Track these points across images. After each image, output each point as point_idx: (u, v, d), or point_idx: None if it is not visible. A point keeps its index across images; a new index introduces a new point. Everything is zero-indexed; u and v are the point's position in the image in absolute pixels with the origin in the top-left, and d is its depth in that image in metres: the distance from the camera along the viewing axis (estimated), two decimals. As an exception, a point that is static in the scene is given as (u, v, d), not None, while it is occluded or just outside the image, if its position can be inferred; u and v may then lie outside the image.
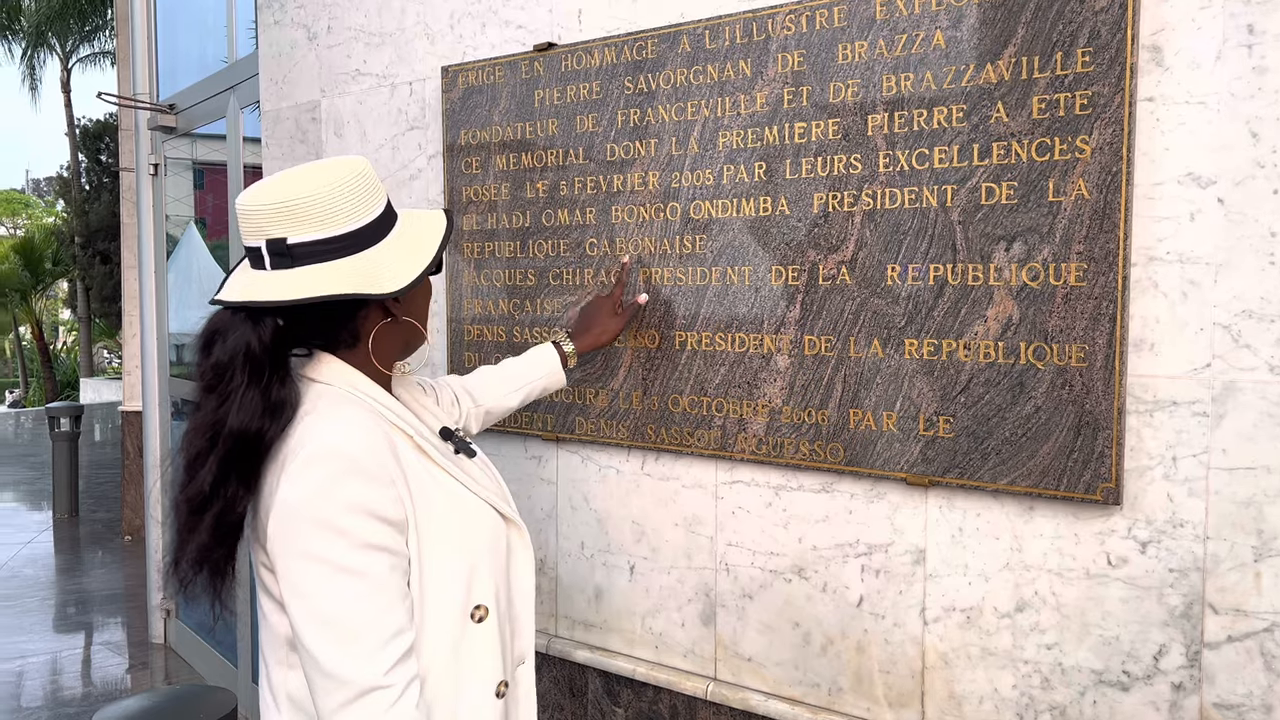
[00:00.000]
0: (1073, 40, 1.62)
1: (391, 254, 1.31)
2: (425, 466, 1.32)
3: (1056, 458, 1.67)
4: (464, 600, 1.32)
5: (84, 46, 22.18)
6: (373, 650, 1.18)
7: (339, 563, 1.18)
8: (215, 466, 1.21)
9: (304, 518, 1.18)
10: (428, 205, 2.63)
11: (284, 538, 1.20)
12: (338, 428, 1.23)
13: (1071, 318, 1.64)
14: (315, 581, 1.18)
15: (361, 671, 1.17)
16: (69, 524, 7.87)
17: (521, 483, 2.48)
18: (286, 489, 1.20)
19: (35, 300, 23.88)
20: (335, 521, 1.18)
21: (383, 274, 1.28)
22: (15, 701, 4.24)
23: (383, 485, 1.22)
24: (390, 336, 1.37)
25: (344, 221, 1.26)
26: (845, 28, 1.86)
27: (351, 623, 1.18)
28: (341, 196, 1.26)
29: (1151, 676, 1.64)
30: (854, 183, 1.86)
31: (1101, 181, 1.60)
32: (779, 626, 2.05)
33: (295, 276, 1.24)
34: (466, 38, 2.51)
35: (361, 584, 1.19)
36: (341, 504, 1.19)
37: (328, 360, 1.33)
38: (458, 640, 1.32)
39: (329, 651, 1.17)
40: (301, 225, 1.24)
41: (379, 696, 1.18)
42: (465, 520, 1.34)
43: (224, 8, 4.32)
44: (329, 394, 1.29)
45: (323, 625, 1.18)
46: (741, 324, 2.03)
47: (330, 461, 1.20)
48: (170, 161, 4.89)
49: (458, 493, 1.35)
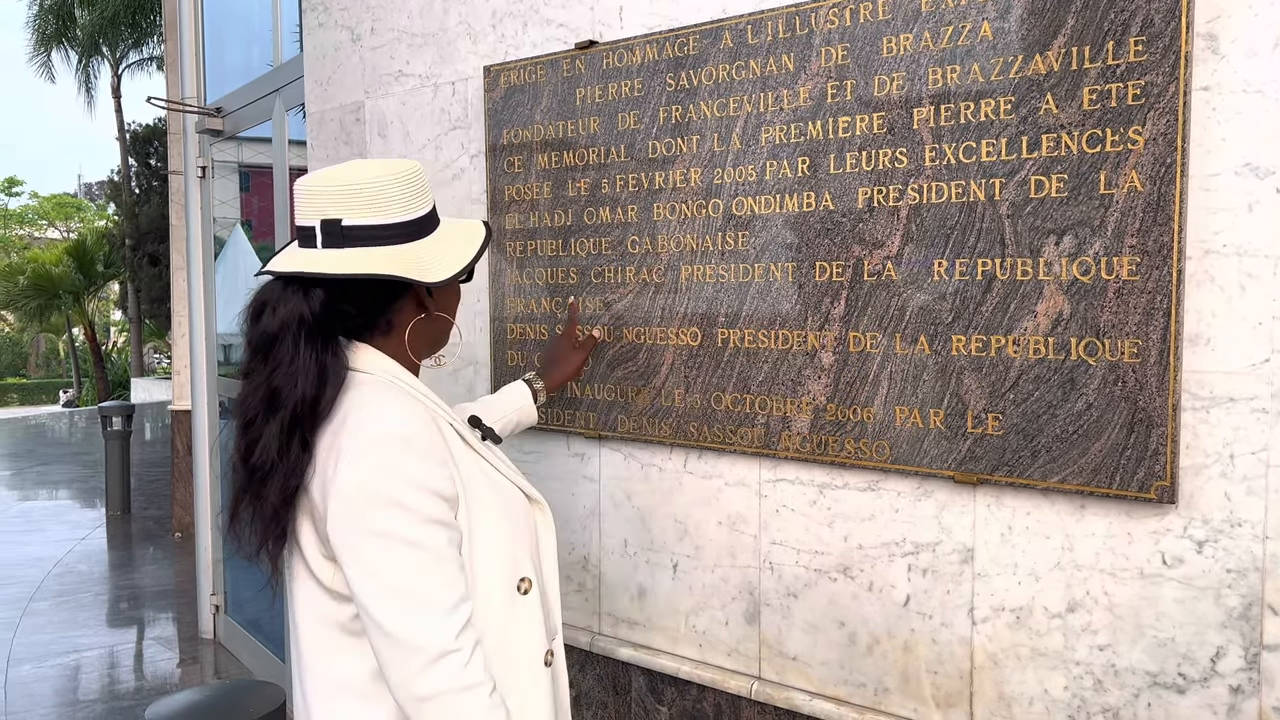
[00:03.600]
0: (1125, 29, 1.58)
1: (435, 249, 1.38)
2: (465, 449, 1.40)
3: (1109, 455, 1.63)
4: (509, 573, 1.40)
5: (133, 52, 22.63)
6: (443, 617, 1.24)
7: (405, 536, 1.24)
8: (279, 432, 1.27)
9: (368, 497, 1.24)
10: (470, 204, 2.64)
11: (349, 518, 1.25)
12: (389, 412, 1.29)
13: (1124, 312, 1.61)
14: (384, 556, 1.24)
15: (434, 637, 1.23)
16: (121, 521, 8.03)
17: (564, 480, 2.49)
18: (347, 472, 1.25)
19: (87, 302, 24.40)
20: (398, 498, 1.24)
21: (426, 264, 1.35)
22: (72, 694, 4.33)
23: (437, 463, 1.29)
24: (423, 330, 1.45)
25: (397, 212, 1.35)
26: (890, 20, 1.84)
27: (421, 592, 1.24)
28: (398, 188, 1.35)
29: (1208, 679, 1.60)
30: (899, 177, 1.84)
31: (1155, 173, 1.56)
32: (824, 626, 2.04)
33: (345, 255, 1.31)
34: (508, 37, 2.52)
35: (426, 555, 1.25)
36: (402, 481, 1.25)
37: (366, 350, 1.38)
38: (507, 611, 1.39)
39: (402, 621, 1.23)
40: (357, 208, 1.32)
41: (453, 659, 1.24)
42: (502, 499, 1.43)
43: (269, 12, 4.38)
44: (371, 382, 1.34)
45: (394, 596, 1.23)
46: (785, 321, 2.02)
47: (388, 443, 1.26)
48: (217, 165, 4.96)
49: (492, 474, 1.44)
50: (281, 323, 1.29)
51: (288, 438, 1.27)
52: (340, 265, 1.30)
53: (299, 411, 1.27)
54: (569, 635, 2.47)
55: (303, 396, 1.27)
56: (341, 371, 1.32)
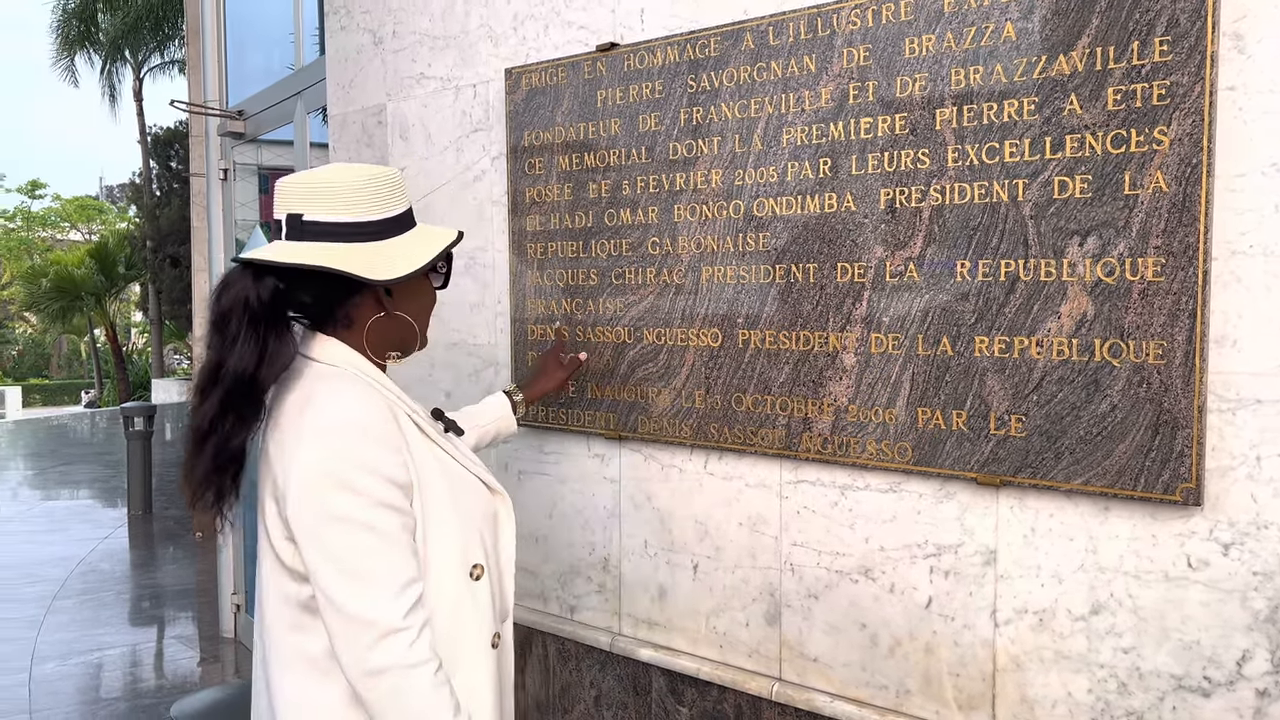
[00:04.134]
0: (1150, 29, 1.58)
1: (391, 252, 1.43)
2: (422, 440, 1.46)
3: (1133, 457, 1.63)
4: (462, 559, 1.46)
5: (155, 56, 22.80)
6: (392, 596, 1.32)
7: (357, 518, 1.32)
8: (216, 402, 1.35)
9: (323, 480, 1.32)
10: (491, 206, 2.66)
11: (306, 500, 1.33)
12: (347, 401, 1.37)
13: (1149, 313, 1.60)
14: (338, 537, 1.32)
15: (383, 615, 1.31)
16: (143, 520, 8.10)
17: (584, 481, 2.50)
18: (305, 456, 1.33)
19: (109, 303, 24.58)
20: (352, 481, 1.32)
21: (376, 264, 1.39)
22: (94, 692, 4.38)
23: (391, 451, 1.36)
24: (384, 329, 1.49)
25: (356, 212, 1.41)
26: (912, 21, 1.84)
27: (372, 573, 1.32)
28: (361, 190, 1.42)
29: (1234, 682, 1.59)
30: (922, 178, 1.84)
31: (1180, 174, 1.56)
32: (845, 627, 2.03)
33: (300, 248, 1.39)
34: (529, 39, 2.53)
35: (378, 538, 1.33)
36: (355, 466, 1.32)
37: (330, 342, 1.45)
38: (458, 596, 1.45)
39: (354, 599, 1.31)
40: (318, 205, 1.40)
41: (400, 637, 1.31)
42: (459, 488, 1.49)
43: (290, 16, 4.41)
44: (335, 373, 1.42)
45: (346, 576, 1.31)
46: (806, 322, 2.02)
47: (344, 430, 1.34)
48: (237, 167, 5.00)
49: (450, 465, 1.50)
50: (230, 303, 1.37)
51: (223, 409, 1.35)
52: (289, 256, 1.37)
53: (234, 386, 1.34)
54: (588, 636, 2.48)
55: (239, 372, 1.34)
56: (284, 354, 1.38)
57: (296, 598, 1.40)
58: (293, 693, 1.41)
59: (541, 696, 2.64)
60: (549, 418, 2.53)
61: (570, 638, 2.54)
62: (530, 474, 2.62)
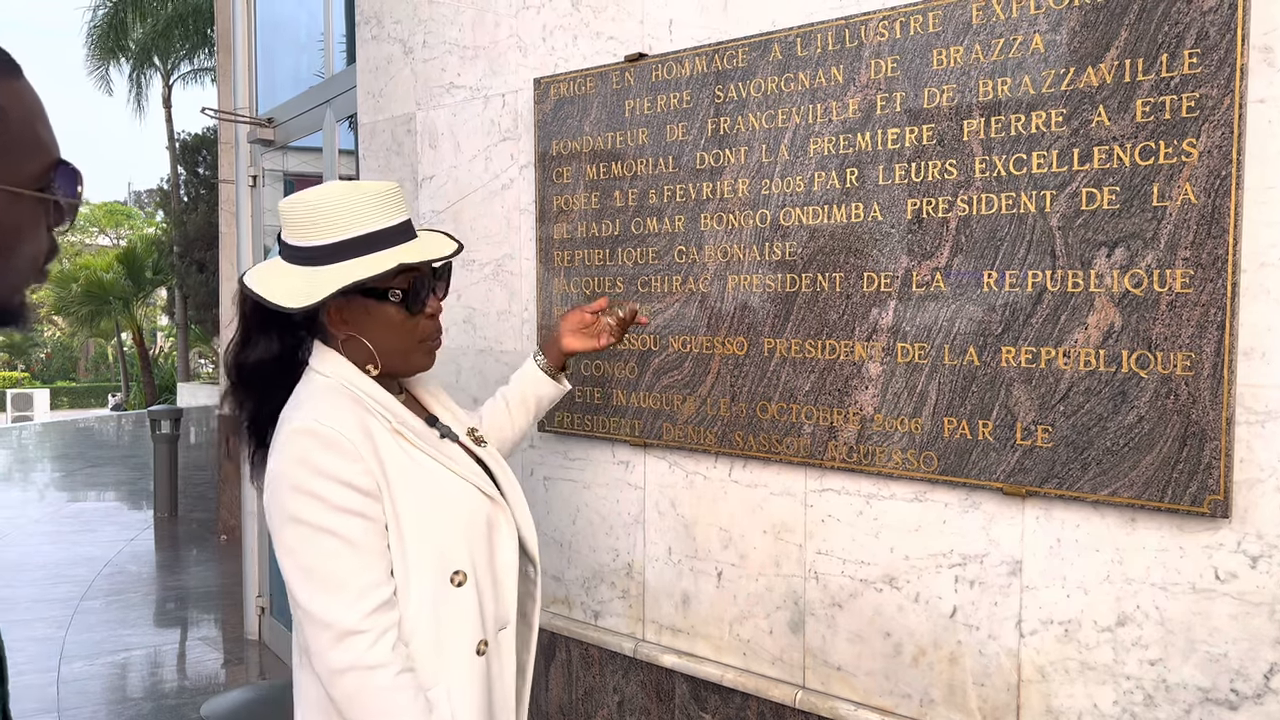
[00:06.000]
0: (1179, 41, 1.58)
1: (318, 278, 1.44)
2: (402, 447, 1.48)
3: (1160, 469, 1.63)
4: (441, 566, 1.48)
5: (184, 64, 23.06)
6: (352, 599, 1.37)
7: (317, 523, 1.38)
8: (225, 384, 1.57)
9: (285, 485, 1.39)
10: (519, 214, 2.68)
11: (271, 502, 1.41)
12: (314, 412, 1.42)
13: (1177, 325, 1.60)
14: (298, 540, 1.38)
15: (342, 617, 1.36)
16: (169, 523, 8.18)
17: (609, 487, 2.51)
18: (273, 461, 1.42)
19: (136, 307, 24.85)
20: (310, 488, 1.38)
21: (284, 292, 1.44)
22: (121, 692, 4.43)
23: (351, 459, 1.40)
24: (353, 347, 1.53)
25: (300, 236, 1.47)
26: (940, 33, 1.85)
27: (331, 575, 1.37)
28: (304, 214, 1.47)
29: (1262, 695, 1.58)
30: (949, 188, 1.85)
31: (1210, 185, 1.56)
32: (869, 636, 2.04)
33: (268, 267, 1.51)
34: (558, 50, 2.55)
35: (338, 542, 1.38)
36: (313, 472, 1.38)
37: (326, 353, 1.52)
38: (438, 602, 1.47)
39: (314, 600, 1.37)
40: (285, 228, 1.50)
41: (358, 640, 1.36)
42: (442, 495, 1.50)
43: (319, 24, 4.47)
44: (323, 384, 1.48)
45: (306, 577, 1.38)
46: (832, 330, 2.03)
47: (304, 438, 1.40)
48: (265, 173, 5.06)
49: (436, 471, 1.51)
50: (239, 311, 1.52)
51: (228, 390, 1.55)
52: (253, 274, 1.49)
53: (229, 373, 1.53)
54: (612, 641, 2.49)
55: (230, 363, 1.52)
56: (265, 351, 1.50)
57: None
58: (307, 688, 1.48)
59: (565, 701, 2.65)
60: (574, 424, 2.55)
61: (594, 643, 2.55)
62: (555, 480, 2.64)
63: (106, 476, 11.45)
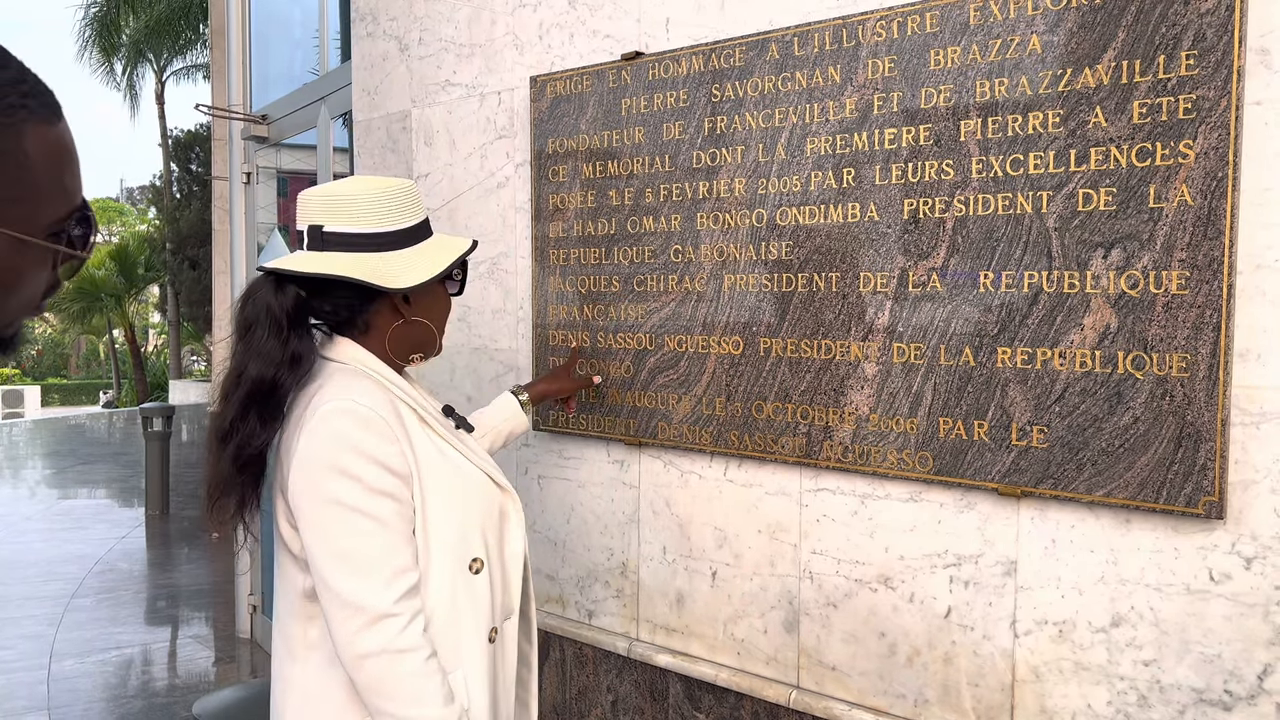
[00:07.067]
0: (1176, 43, 1.58)
1: (406, 261, 1.48)
2: (427, 434, 1.49)
3: (1155, 470, 1.63)
4: (461, 552, 1.49)
5: (177, 60, 23.00)
6: (385, 582, 1.36)
7: (352, 504, 1.37)
8: (237, 404, 1.42)
9: (322, 465, 1.37)
10: (514, 213, 2.68)
11: (305, 484, 1.38)
12: (349, 393, 1.41)
13: (1173, 326, 1.60)
14: (333, 521, 1.37)
15: (375, 600, 1.35)
16: (160, 521, 8.15)
17: (603, 487, 2.51)
18: (305, 442, 1.39)
19: (128, 304, 24.78)
20: (348, 468, 1.37)
21: (393, 273, 1.45)
22: (112, 690, 4.41)
23: (388, 440, 1.40)
24: (403, 334, 1.55)
25: (374, 223, 1.47)
26: (937, 33, 1.85)
27: (365, 558, 1.36)
28: (377, 202, 1.48)
29: (1255, 696, 1.59)
30: (946, 189, 1.85)
31: (1206, 187, 1.56)
32: (864, 636, 2.04)
33: (320, 258, 1.45)
34: (555, 48, 2.55)
35: (372, 524, 1.37)
36: (351, 452, 1.37)
37: (344, 343, 1.52)
38: (457, 588, 1.48)
39: (347, 583, 1.35)
40: (338, 217, 1.46)
41: (390, 623, 1.36)
42: (463, 483, 1.52)
43: (315, 20, 4.45)
44: (343, 370, 1.48)
45: (340, 560, 1.36)
46: (828, 330, 2.03)
47: (342, 418, 1.38)
48: (259, 170, 5.04)
49: (456, 460, 1.52)
50: (254, 312, 1.44)
51: (244, 410, 1.41)
52: (310, 265, 1.44)
53: (254, 389, 1.41)
54: (606, 641, 2.49)
55: (260, 376, 1.40)
56: (306, 360, 1.44)
57: (304, 587, 1.46)
58: (301, 681, 1.46)
59: (558, 700, 2.65)
60: (569, 423, 2.54)
61: (588, 642, 2.55)
62: (550, 479, 2.64)
63: (98, 474, 11.41)
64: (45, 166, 0.77)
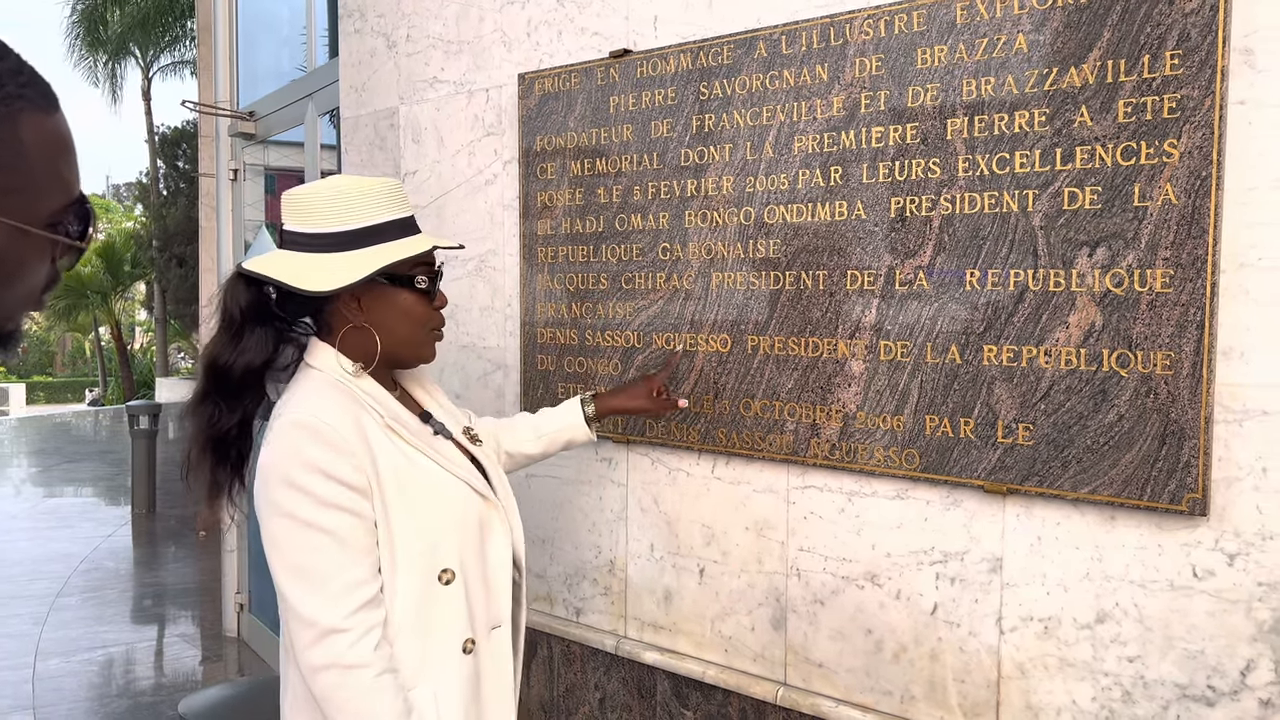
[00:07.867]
0: (1161, 43, 1.59)
1: (344, 262, 1.45)
2: (395, 444, 1.48)
3: (1140, 467, 1.64)
4: (430, 563, 1.47)
5: (164, 56, 22.86)
6: (335, 597, 1.36)
7: (304, 518, 1.36)
8: (199, 387, 1.47)
9: (275, 478, 1.38)
10: (502, 210, 2.67)
11: (261, 495, 1.40)
12: (307, 404, 1.42)
13: (1157, 324, 1.61)
14: (285, 534, 1.37)
15: (324, 615, 1.35)
16: (146, 519, 8.11)
17: (592, 484, 2.51)
18: (264, 454, 1.41)
19: (114, 302, 24.65)
20: (297, 481, 1.37)
21: (312, 275, 1.43)
22: (98, 689, 4.39)
23: (342, 454, 1.39)
24: (354, 339, 1.51)
25: (320, 223, 1.46)
26: (924, 32, 1.85)
27: (316, 571, 1.36)
28: (326, 202, 1.47)
29: (1238, 692, 1.60)
30: (932, 187, 1.85)
31: (1190, 186, 1.57)
32: (850, 633, 2.05)
33: (267, 256, 1.48)
34: (543, 45, 2.55)
35: (324, 538, 1.36)
36: (301, 466, 1.37)
37: (320, 348, 1.51)
38: (425, 599, 1.46)
39: (298, 596, 1.36)
40: (294, 216, 1.49)
41: (339, 639, 1.35)
42: (434, 492, 1.50)
43: (302, 17, 4.44)
44: (315, 378, 1.48)
45: (292, 573, 1.37)
46: (815, 328, 2.03)
47: (295, 431, 1.39)
48: (246, 167, 5.02)
49: (427, 467, 1.50)
50: (217, 306, 1.49)
51: (203, 396, 1.46)
52: (255, 264, 1.46)
53: (209, 373, 1.46)
54: (593, 638, 2.49)
55: (212, 359, 1.45)
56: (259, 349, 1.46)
57: None
58: (295, 681, 1.48)
59: (546, 698, 2.65)
60: (557, 421, 2.54)
61: (576, 640, 2.55)
62: (537, 476, 2.63)
63: (84, 472, 11.35)
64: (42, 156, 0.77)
